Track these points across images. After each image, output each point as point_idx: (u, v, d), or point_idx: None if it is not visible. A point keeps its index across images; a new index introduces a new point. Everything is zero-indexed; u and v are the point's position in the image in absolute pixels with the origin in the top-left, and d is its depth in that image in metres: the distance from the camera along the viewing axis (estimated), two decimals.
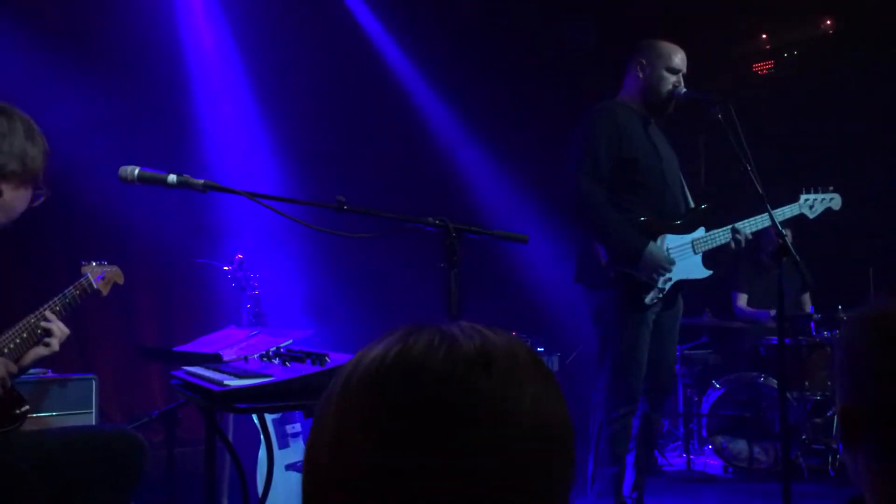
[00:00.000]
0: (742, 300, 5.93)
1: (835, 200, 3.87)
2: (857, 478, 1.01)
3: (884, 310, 0.99)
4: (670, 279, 3.42)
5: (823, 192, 3.85)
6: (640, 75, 3.53)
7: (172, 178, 2.13)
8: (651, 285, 3.38)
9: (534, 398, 0.75)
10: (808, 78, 6.93)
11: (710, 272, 3.55)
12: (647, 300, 3.38)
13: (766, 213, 3.41)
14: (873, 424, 0.97)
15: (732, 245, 3.52)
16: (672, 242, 3.45)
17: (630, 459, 3.49)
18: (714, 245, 3.53)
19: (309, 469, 0.77)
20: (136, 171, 2.12)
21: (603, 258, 3.41)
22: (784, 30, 7.11)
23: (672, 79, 3.49)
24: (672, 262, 3.40)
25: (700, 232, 3.53)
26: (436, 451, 0.70)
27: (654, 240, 3.40)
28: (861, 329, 1.01)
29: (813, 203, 3.81)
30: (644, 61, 3.53)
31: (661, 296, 3.41)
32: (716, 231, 3.54)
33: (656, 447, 3.63)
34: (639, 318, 3.39)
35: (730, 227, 3.53)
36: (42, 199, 2.30)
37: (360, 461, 0.72)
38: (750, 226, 3.54)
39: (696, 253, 3.50)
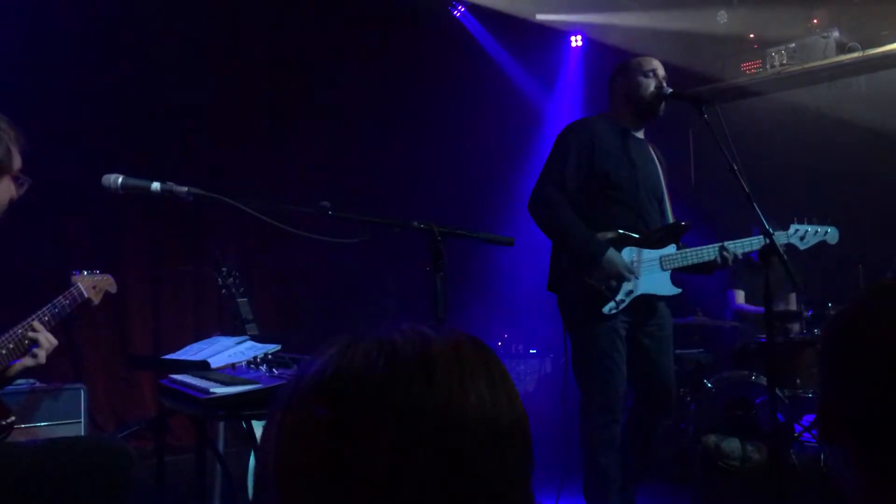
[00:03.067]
0: (739, 297, 5.94)
1: (830, 234, 3.61)
2: (838, 473, 1.01)
3: (863, 307, 0.99)
4: (632, 291, 3.38)
5: (819, 223, 3.61)
6: (622, 90, 3.55)
7: (156, 185, 2.12)
8: (606, 295, 3.35)
9: (479, 400, 0.74)
10: (797, 77, 6.95)
11: (678, 290, 3.47)
12: (605, 310, 3.34)
13: (757, 237, 3.39)
14: (850, 422, 0.97)
15: (718, 261, 3.45)
16: (638, 256, 3.42)
17: (625, 462, 3.47)
18: (686, 263, 3.44)
19: (257, 481, 0.77)
20: (120, 180, 2.11)
21: (565, 265, 3.41)
22: (772, 29, 7.14)
23: (651, 82, 3.50)
24: (633, 272, 3.36)
25: (670, 249, 3.46)
26: (380, 466, 0.70)
27: (619, 250, 3.38)
28: (840, 326, 1.01)
29: (804, 234, 3.58)
30: (620, 78, 3.57)
31: (619, 307, 3.35)
32: (690, 250, 3.46)
33: (652, 452, 3.56)
34: (602, 326, 3.36)
35: (715, 245, 3.46)
36: (25, 186, 2.27)
37: (304, 477, 0.71)
38: (742, 246, 3.46)
39: (663, 269, 3.44)
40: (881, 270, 5.09)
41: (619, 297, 3.34)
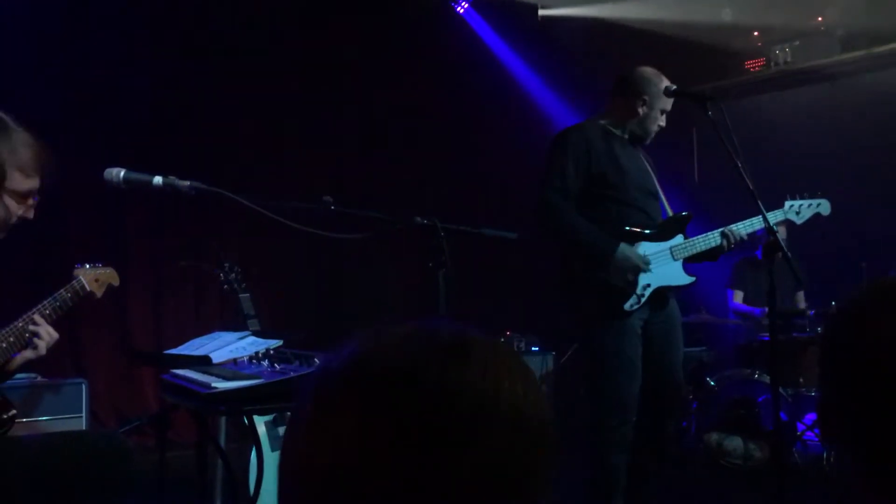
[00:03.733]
0: (738, 297, 5.93)
1: (822, 206, 3.79)
2: (844, 469, 1.02)
3: (863, 305, 0.99)
4: (649, 285, 3.38)
5: (811, 197, 3.78)
6: (640, 110, 3.52)
7: (158, 179, 2.12)
8: (628, 291, 3.34)
9: (512, 388, 0.74)
10: (800, 75, 6.93)
11: (693, 279, 3.50)
12: (627, 306, 3.34)
13: (759, 215, 3.40)
14: (851, 420, 0.97)
15: (725, 246, 3.48)
16: (649, 249, 3.42)
17: (635, 462, 3.47)
18: (696, 251, 3.48)
19: (286, 460, 0.75)
20: (122, 174, 2.11)
21: (577, 267, 3.40)
22: (776, 26, 7.12)
23: (660, 120, 3.54)
24: (647, 263, 3.37)
25: (678, 239, 3.49)
26: (413, 440, 0.69)
27: (631, 245, 3.38)
28: (840, 324, 1.01)
29: (799, 209, 3.75)
30: (646, 97, 3.51)
31: (640, 302, 3.36)
32: (697, 237, 3.50)
33: (665, 453, 3.56)
34: (620, 324, 3.35)
35: (719, 230, 3.48)
36: (32, 206, 2.26)
37: (338, 450, 0.71)
38: (745, 227, 3.50)
39: (675, 259, 3.46)
40: (884, 269, 5.08)
41: (638, 292, 3.35)
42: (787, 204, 3.74)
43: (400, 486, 0.69)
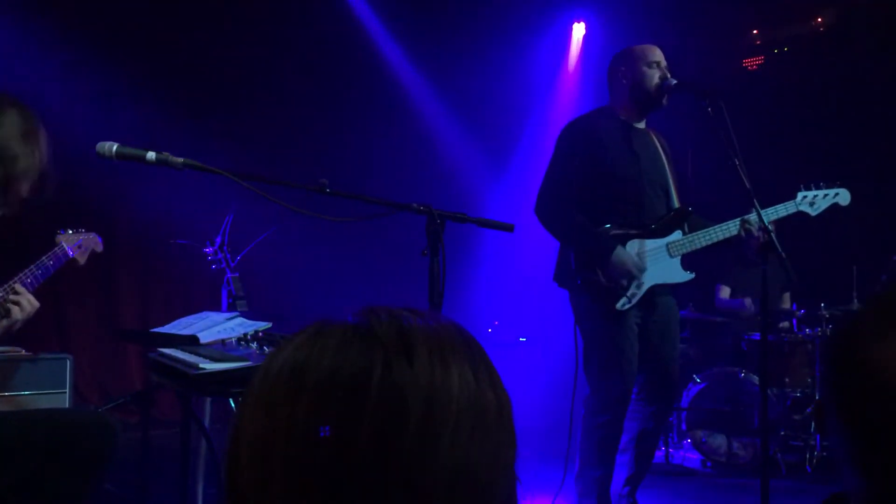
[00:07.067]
0: (725, 292, 5.92)
1: (841, 195, 3.55)
2: (838, 462, 1.03)
3: (866, 320, 0.99)
4: (642, 284, 3.35)
5: (827, 187, 3.54)
6: (624, 82, 3.49)
7: (151, 155, 2.07)
8: (619, 292, 3.32)
9: (462, 381, 0.71)
10: (798, 74, 6.92)
11: (691, 275, 3.44)
12: (619, 306, 3.32)
13: (783, 204, 3.37)
14: (847, 426, 0.97)
15: (743, 234, 3.37)
16: (645, 247, 3.39)
17: (624, 459, 3.47)
18: (695, 247, 3.43)
19: (228, 470, 0.72)
20: (115, 148, 2.07)
21: (572, 265, 3.38)
22: (775, 26, 7.10)
23: (656, 72, 3.45)
24: (642, 268, 3.34)
25: (676, 235, 3.44)
26: (364, 453, 0.66)
27: (624, 245, 3.35)
28: (846, 339, 1.01)
29: (814, 200, 3.51)
30: (623, 69, 3.50)
31: (632, 302, 3.35)
32: (697, 233, 3.44)
33: (653, 450, 3.55)
34: (615, 321, 3.34)
35: (738, 219, 3.38)
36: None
37: (282, 466, 0.68)
38: (776, 212, 3.42)
39: (672, 256, 3.42)
40: (875, 272, 5.09)
41: (630, 292, 3.32)
42: (800, 195, 3.51)
43: (355, 490, 0.66)
